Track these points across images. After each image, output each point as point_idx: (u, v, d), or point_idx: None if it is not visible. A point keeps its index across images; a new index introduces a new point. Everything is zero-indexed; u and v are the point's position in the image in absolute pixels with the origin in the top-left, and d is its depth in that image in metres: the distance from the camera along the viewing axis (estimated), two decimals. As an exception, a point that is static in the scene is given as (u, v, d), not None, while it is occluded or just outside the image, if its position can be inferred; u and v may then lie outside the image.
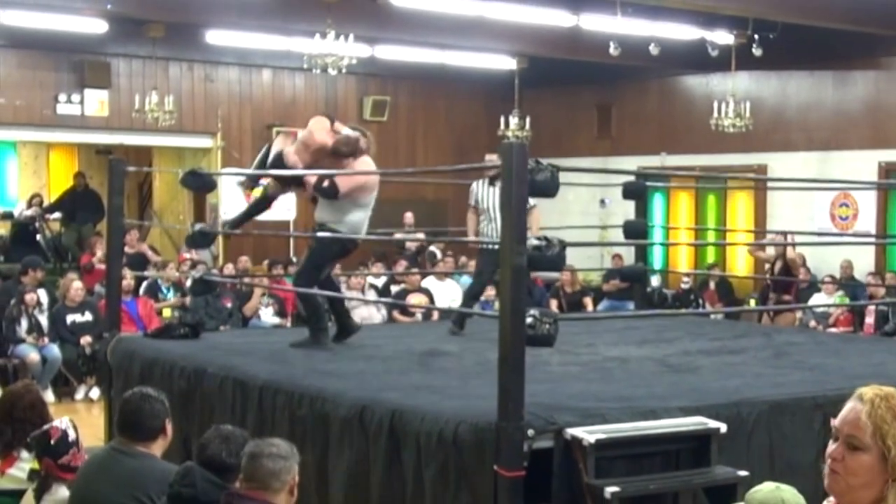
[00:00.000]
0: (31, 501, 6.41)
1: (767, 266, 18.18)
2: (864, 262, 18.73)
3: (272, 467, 5.19)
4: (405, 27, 17.85)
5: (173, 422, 6.47)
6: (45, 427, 6.60)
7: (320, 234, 11.47)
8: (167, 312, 16.81)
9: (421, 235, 19.39)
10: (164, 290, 17.56)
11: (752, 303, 19.03)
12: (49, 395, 15.19)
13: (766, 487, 4.48)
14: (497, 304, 15.22)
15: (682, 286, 19.85)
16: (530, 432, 7.48)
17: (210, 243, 17.37)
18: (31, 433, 6.71)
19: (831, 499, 5.15)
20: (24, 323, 15.87)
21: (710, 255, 20.94)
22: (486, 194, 12.84)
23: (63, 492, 6.28)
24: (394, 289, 18.71)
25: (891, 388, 3.42)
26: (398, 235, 19.08)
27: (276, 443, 5.34)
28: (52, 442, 6.40)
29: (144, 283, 17.31)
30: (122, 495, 5.89)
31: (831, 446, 3.39)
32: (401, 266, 18.53)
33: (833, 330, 16.38)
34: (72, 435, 6.47)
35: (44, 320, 16.11)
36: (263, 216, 21.05)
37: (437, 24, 17.73)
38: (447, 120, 24.29)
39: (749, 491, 4.48)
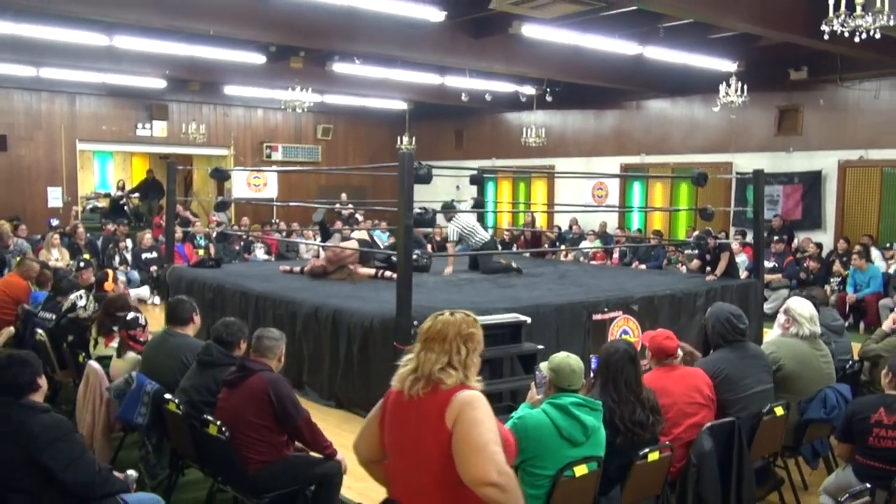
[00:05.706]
0: (118, 361, 6.38)
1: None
2: (612, 222, 18.90)
3: (268, 344, 5.16)
4: (342, 84, 17.71)
5: (203, 317, 6.37)
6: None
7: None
8: (201, 252, 16.48)
9: (351, 206, 19.20)
10: (199, 239, 17.17)
11: (546, 247, 19.09)
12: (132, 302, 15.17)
13: (561, 355, 4.35)
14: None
15: (505, 237, 19.85)
16: (415, 322, 7.44)
17: (227, 208, 17.28)
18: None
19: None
20: (117, 258, 15.87)
21: (521, 219, 20.96)
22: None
23: (133, 356, 6.26)
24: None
25: None
26: (337, 206, 18.91)
27: (271, 330, 5.33)
28: (127, 319, 6.45)
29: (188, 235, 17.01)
30: (171, 359, 5.85)
31: None
32: (338, 225, 18.29)
33: (594, 262, 16.47)
34: (141, 320, 6.46)
35: (129, 257, 16.03)
36: (257, 194, 20.95)
37: (360, 82, 17.63)
38: (366, 139, 24.11)
39: (549, 357, 4.38)
